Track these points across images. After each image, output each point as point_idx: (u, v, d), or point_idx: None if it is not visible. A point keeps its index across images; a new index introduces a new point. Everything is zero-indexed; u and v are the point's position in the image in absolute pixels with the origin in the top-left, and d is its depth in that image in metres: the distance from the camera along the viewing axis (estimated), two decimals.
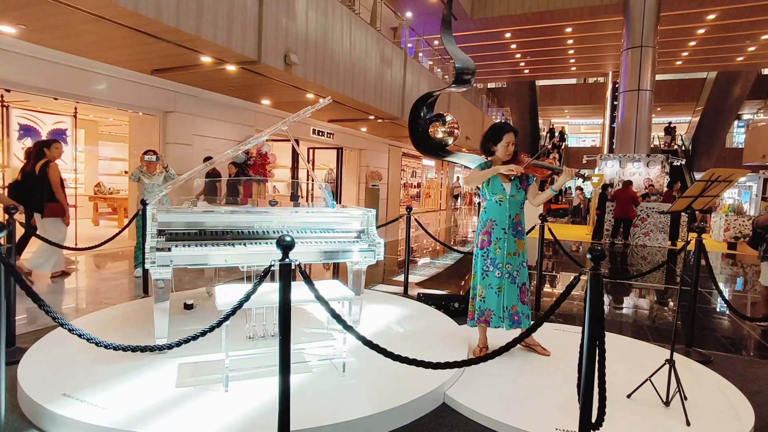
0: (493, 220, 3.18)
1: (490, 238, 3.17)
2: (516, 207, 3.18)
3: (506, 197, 3.15)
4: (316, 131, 11.78)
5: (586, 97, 29.59)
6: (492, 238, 3.17)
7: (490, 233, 3.18)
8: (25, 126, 8.00)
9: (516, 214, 3.19)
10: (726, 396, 2.87)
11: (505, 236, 3.15)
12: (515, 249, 3.17)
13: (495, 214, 3.18)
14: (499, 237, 3.15)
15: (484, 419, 2.47)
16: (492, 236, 3.17)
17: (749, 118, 26.88)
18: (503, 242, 3.15)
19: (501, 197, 3.16)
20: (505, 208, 3.16)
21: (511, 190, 3.16)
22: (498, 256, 3.15)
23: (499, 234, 3.15)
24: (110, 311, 3.98)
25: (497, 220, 3.17)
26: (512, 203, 3.16)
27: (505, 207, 3.16)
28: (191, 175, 3.76)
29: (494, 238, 3.16)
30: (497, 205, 3.17)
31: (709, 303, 5.68)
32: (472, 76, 4.95)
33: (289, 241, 1.97)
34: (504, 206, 3.16)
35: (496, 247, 3.15)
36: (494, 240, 3.16)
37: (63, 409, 2.23)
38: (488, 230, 3.19)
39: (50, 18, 4.74)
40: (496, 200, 3.17)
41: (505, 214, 3.16)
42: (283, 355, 1.94)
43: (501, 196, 3.16)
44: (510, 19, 15.51)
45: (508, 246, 3.14)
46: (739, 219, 11.81)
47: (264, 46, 6.19)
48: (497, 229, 3.16)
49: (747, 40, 17.29)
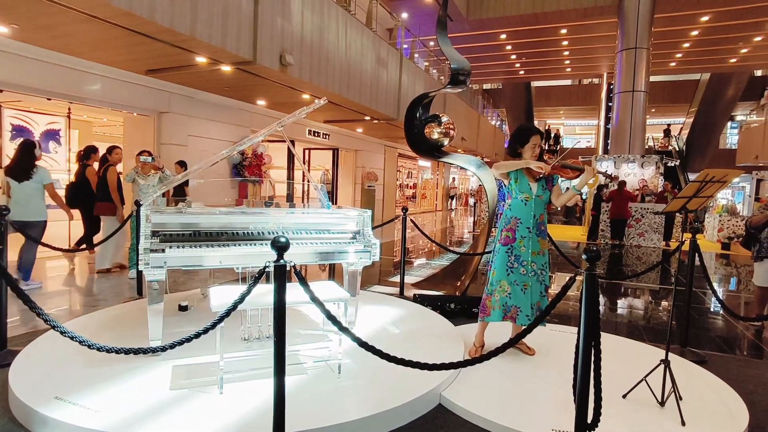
0: (518, 218, 3.18)
1: (515, 235, 3.17)
2: (541, 207, 3.19)
3: (532, 197, 3.16)
4: (312, 132, 11.76)
5: (581, 98, 29.75)
6: (516, 236, 3.17)
7: (515, 231, 3.18)
8: (17, 126, 7.93)
9: (540, 213, 3.20)
10: (720, 396, 2.88)
11: (529, 235, 3.16)
12: (539, 248, 3.18)
13: (520, 212, 3.18)
14: (524, 235, 3.16)
15: (480, 420, 2.46)
16: (516, 234, 3.17)
17: (742, 119, 27.11)
18: (528, 240, 3.15)
19: (527, 196, 3.17)
20: (531, 207, 3.16)
21: (537, 190, 3.17)
22: (523, 253, 3.15)
23: (523, 232, 3.16)
24: (104, 313, 3.94)
25: (522, 219, 3.17)
26: (537, 203, 3.17)
27: (531, 206, 3.16)
28: (185, 176, 3.74)
29: (519, 236, 3.16)
30: (523, 204, 3.18)
31: (704, 303, 5.71)
32: (467, 77, 4.96)
33: (283, 242, 1.96)
34: (530, 205, 3.17)
35: (521, 244, 3.16)
36: (519, 237, 3.16)
37: (55, 413, 2.20)
38: (512, 227, 3.19)
39: (43, 17, 4.70)
40: (522, 199, 3.18)
41: (530, 213, 3.16)
42: (277, 356, 1.92)
43: (527, 195, 3.17)
44: (505, 21, 15.56)
45: (532, 245, 3.16)
46: (733, 219, 11.90)
47: (259, 46, 6.17)
48: (522, 227, 3.17)
49: (740, 41, 17.43)
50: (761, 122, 17.79)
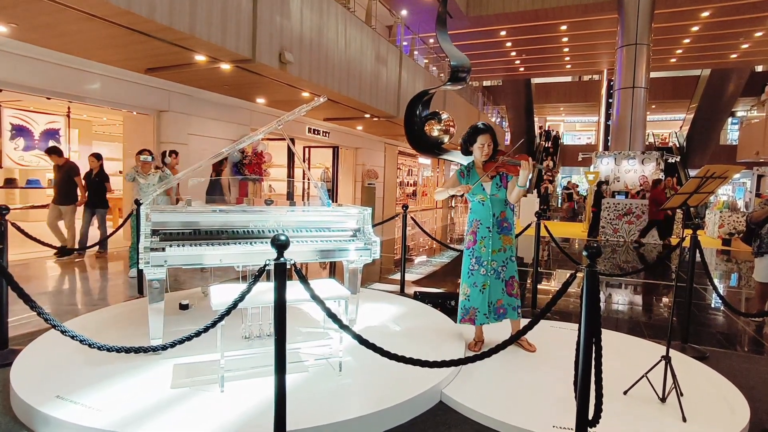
0: (478, 220, 3.25)
1: (476, 237, 3.25)
2: (500, 205, 3.23)
3: (487, 197, 3.21)
4: (312, 130, 11.75)
5: (581, 94, 29.71)
6: (477, 237, 3.24)
7: (476, 233, 3.25)
8: (17, 126, 7.92)
9: (501, 211, 3.23)
10: (721, 391, 2.88)
11: (489, 234, 3.21)
12: (500, 246, 3.22)
13: (479, 214, 3.25)
14: (484, 236, 3.22)
15: (481, 417, 2.46)
16: (477, 235, 3.24)
17: (743, 115, 27.05)
18: (488, 240, 3.21)
19: (482, 197, 3.21)
20: (488, 207, 3.21)
21: (491, 190, 3.21)
22: (483, 254, 3.21)
23: (483, 233, 3.22)
24: (105, 312, 3.95)
25: (482, 220, 3.23)
26: (495, 202, 3.21)
27: (488, 206, 3.21)
28: (186, 175, 3.74)
29: (479, 237, 3.23)
30: (480, 205, 3.24)
31: (704, 299, 5.71)
32: (467, 74, 4.95)
33: (283, 240, 1.96)
34: (487, 205, 3.21)
35: (481, 245, 3.22)
36: (479, 239, 3.23)
37: (56, 411, 2.21)
38: (474, 230, 3.27)
39: (42, 16, 4.70)
40: (478, 200, 3.24)
41: (489, 213, 3.21)
42: (278, 354, 1.92)
43: (482, 196, 3.21)
44: (505, 17, 15.52)
45: (493, 243, 3.20)
46: (734, 215, 11.88)
47: (258, 44, 6.16)
48: (482, 228, 3.23)
49: (741, 37, 17.38)
50: (762, 118, 17.75)
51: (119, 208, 9.40)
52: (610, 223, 11.77)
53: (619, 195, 12.51)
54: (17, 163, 8.03)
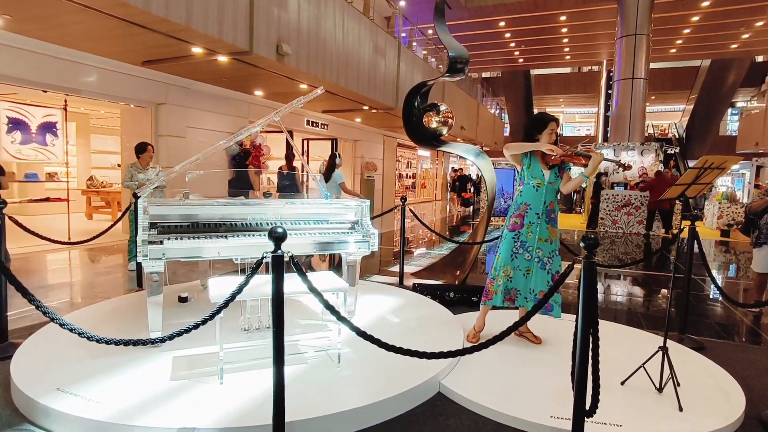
0: (528, 204, 3.19)
1: (523, 221, 3.19)
2: (552, 194, 3.20)
3: (544, 183, 3.17)
4: (310, 122, 11.70)
5: (580, 86, 29.56)
6: (525, 222, 3.18)
7: (523, 216, 3.19)
8: (13, 119, 7.88)
9: (551, 201, 3.20)
10: (718, 381, 2.90)
11: (538, 221, 3.17)
12: (547, 235, 3.19)
13: (531, 198, 3.19)
14: (532, 221, 3.17)
15: (479, 408, 2.48)
16: (525, 219, 3.18)
17: (743, 106, 26.98)
18: (536, 227, 3.17)
19: (539, 182, 3.17)
20: (542, 193, 3.17)
21: (549, 177, 3.18)
22: (529, 239, 3.18)
23: (532, 218, 3.17)
24: (104, 305, 3.95)
25: (532, 205, 3.18)
26: (549, 190, 3.18)
27: (542, 193, 3.17)
28: (183, 167, 3.72)
29: (527, 221, 3.18)
30: (534, 189, 3.19)
31: (702, 290, 5.73)
32: (466, 65, 4.92)
33: (280, 233, 1.95)
34: (541, 192, 3.17)
35: (528, 231, 3.17)
36: (527, 224, 3.18)
37: (57, 404, 2.22)
38: (521, 213, 3.20)
39: (36, 8, 4.65)
40: (534, 185, 3.19)
41: (540, 199, 3.17)
42: (276, 346, 1.93)
43: (539, 181, 3.17)
44: (504, 8, 15.39)
45: (540, 231, 3.17)
46: (732, 206, 11.89)
47: (256, 36, 6.12)
48: (531, 213, 3.18)
49: (741, 27, 17.26)
50: (762, 109, 17.70)
51: (118, 201, 9.40)
52: (609, 215, 11.78)
53: (618, 186, 12.51)
54: (14, 156, 7.99)
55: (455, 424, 2.37)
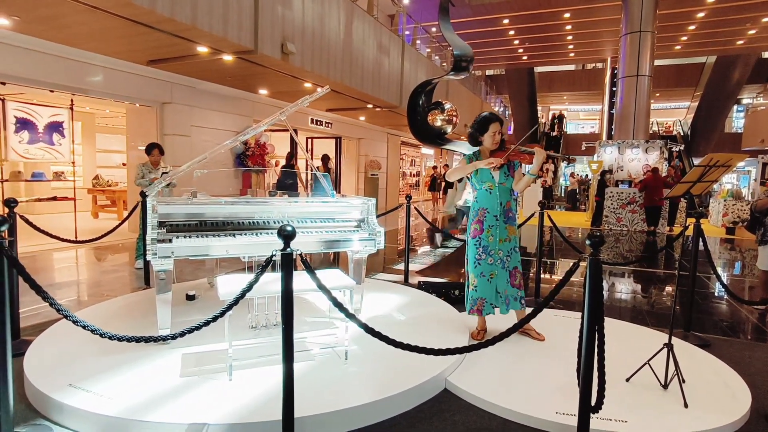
0: (485, 208, 3.25)
1: (482, 226, 3.25)
2: (506, 194, 3.24)
3: (495, 185, 3.22)
4: (315, 121, 11.73)
5: (584, 83, 29.44)
6: (484, 226, 3.24)
7: (482, 222, 3.25)
8: (21, 119, 7.93)
9: (507, 200, 3.25)
10: (723, 378, 2.91)
11: (496, 223, 3.22)
12: (506, 235, 3.25)
13: (486, 202, 3.24)
14: (491, 224, 3.23)
15: (485, 404, 2.50)
16: (484, 224, 3.24)
17: (749, 103, 26.79)
18: (495, 229, 3.23)
19: (490, 185, 3.22)
20: (496, 195, 3.22)
21: (499, 178, 3.22)
22: (491, 243, 3.23)
23: (491, 221, 3.23)
24: (112, 303, 4.00)
25: (489, 208, 3.23)
26: (502, 190, 3.22)
27: (496, 195, 3.22)
28: (190, 166, 3.75)
29: (486, 225, 3.24)
30: (487, 193, 3.24)
31: (708, 287, 5.73)
32: (470, 63, 4.92)
33: (290, 231, 1.98)
34: (494, 194, 3.22)
35: (488, 234, 3.23)
36: (486, 228, 3.23)
37: (69, 399, 2.26)
38: (480, 219, 3.26)
39: (43, 9, 4.69)
40: (486, 188, 3.24)
41: (495, 201, 3.22)
42: (286, 343, 1.96)
43: (490, 184, 3.22)
44: (508, 5, 15.36)
45: (499, 233, 3.23)
46: (738, 204, 11.83)
47: (261, 35, 6.14)
48: (489, 216, 3.23)
49: (747, 23, 17.13)
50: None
51: (123, 200, 9.45)
52: (613, 213, 11.75)
53: (622, 184, 12.47)
54: (22, 156, 8.05)
55: (462, 420, 2.39)
